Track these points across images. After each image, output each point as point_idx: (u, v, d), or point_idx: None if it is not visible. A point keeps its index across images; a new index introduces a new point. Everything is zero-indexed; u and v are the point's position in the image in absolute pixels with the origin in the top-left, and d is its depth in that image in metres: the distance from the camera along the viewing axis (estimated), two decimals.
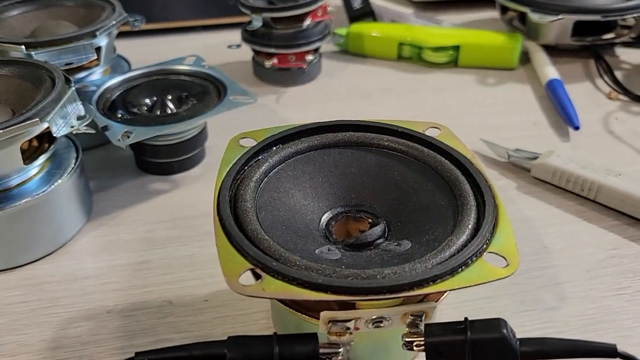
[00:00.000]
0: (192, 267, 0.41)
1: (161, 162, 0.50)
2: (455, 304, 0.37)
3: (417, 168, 0.35)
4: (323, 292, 0.27)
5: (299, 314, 0.30)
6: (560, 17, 0.62)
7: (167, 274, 0.40)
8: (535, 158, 0.49)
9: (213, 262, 0.28)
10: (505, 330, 0.28)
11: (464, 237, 0.30)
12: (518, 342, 0.28)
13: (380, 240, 0.33)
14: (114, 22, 0.51)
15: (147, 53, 0.65)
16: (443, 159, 0.35)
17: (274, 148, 0.36)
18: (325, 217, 0.35)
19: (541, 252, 0.42)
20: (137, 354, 0.28)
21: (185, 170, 0.51)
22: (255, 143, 0.36)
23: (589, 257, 0.41)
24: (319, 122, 0.37)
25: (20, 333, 0.36)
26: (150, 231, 0.44)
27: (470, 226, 0.30)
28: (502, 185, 0.48)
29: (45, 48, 0.47)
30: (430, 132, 0.37)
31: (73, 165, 0.43)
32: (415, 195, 0.35)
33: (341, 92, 0.63)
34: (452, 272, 0.28)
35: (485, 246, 0.29)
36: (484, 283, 0.27)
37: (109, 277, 0.40)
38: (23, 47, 0.46)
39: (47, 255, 0.42)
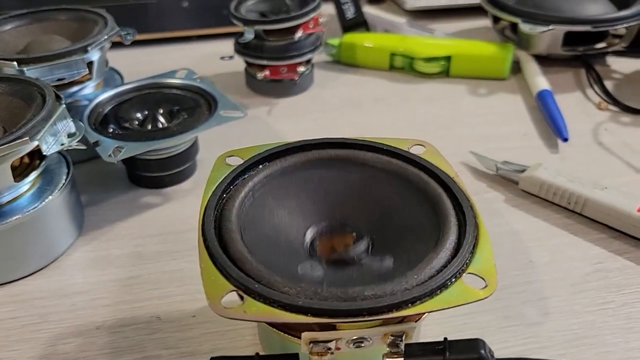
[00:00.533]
0: (181, 282, 0.41)
1: (152, 175, 0.50)
2: (439, 319, 0.38)
3: (401, 185, 0.36)
4: (303, 314, 0.27)
5: (283, 333, 0.31)
6: (551, 27, 0.62)
7: (156, 289, 0.41)
8: (523, 171, 0.49)
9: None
10: (483, 351, 0.28)
11: (444, 257, 0.30)
12: None
13: (364, 256, 0.34)
14: (106, 37, 0.51)
15: (141, 64, 0.66)
16: (427, 177, 0.35)
17: (260, 166, 0.36)
18: (309, 234, 0.35)
19: (526, 266, 0.42)
20: None
21: (176, 184, 0.51)
22: (242, 161, 0.36)
23: (574, 271, 0.42)
24: (305, 140, 0.37)
25: (10, 349, 0.37)
26: (140, 245, 0.45)
27: (451, 246, 0.31)
28: (490, 197, 0.49)
29: (37, 64, 0.47)
30: (415, 149, 0.38)
31: (64, 181, 0.43)
32: (399, 213, 0.35)
33: (333, 102, 0.64)
34: (432, 293, 0.28)
35: (464, 267, 0.29)
36: (462, 305, 0.28)
37: (99, 293, 0.41)
38: (15, 63, 0.47)
39: (39, 270, 0.42)
